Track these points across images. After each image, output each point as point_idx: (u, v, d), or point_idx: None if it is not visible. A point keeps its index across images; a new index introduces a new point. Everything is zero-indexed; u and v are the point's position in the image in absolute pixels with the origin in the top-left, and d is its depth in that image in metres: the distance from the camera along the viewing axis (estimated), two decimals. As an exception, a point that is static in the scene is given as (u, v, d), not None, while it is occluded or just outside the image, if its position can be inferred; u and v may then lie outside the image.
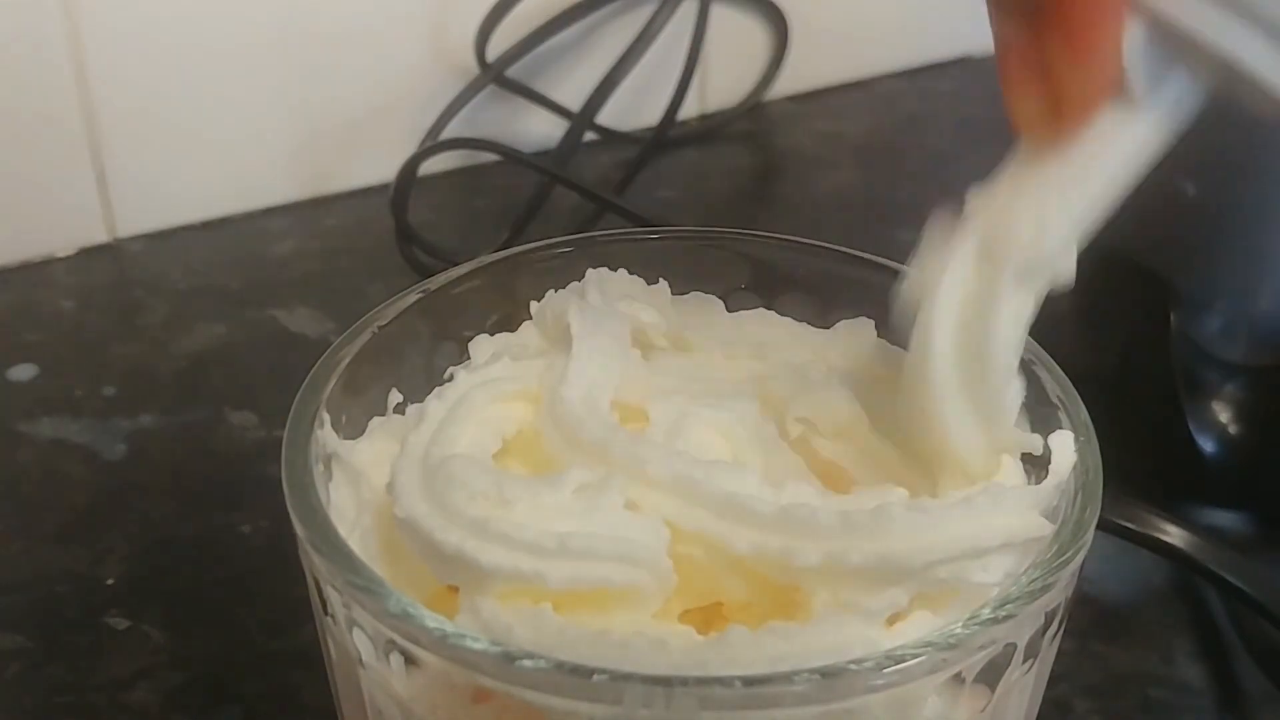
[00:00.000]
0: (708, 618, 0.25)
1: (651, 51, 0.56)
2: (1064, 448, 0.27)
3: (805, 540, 0.24)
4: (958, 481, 0.27)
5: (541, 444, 0.27)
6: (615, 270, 0.31)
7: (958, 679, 0.24)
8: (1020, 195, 0.26)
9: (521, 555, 0.24)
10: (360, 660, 0.25)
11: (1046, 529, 0.25)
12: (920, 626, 0.24)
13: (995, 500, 0.25)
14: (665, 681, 0.22)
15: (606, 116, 0.56)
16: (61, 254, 0.52)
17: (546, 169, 0.52)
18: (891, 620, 0.24)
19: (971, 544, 0.24)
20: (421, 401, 0.28)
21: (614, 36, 0.57)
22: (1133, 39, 0.24)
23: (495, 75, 0.55)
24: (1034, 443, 0.27)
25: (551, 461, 0.26)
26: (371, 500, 0.27)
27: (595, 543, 0.24)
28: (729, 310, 0.31)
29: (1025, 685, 0.26)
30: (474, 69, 0.55)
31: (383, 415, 0.29)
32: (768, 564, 0.24)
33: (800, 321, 0.31)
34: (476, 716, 0.24)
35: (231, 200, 0.54)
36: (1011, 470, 0.27)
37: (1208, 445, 0.40)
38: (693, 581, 0.25)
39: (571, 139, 0.55)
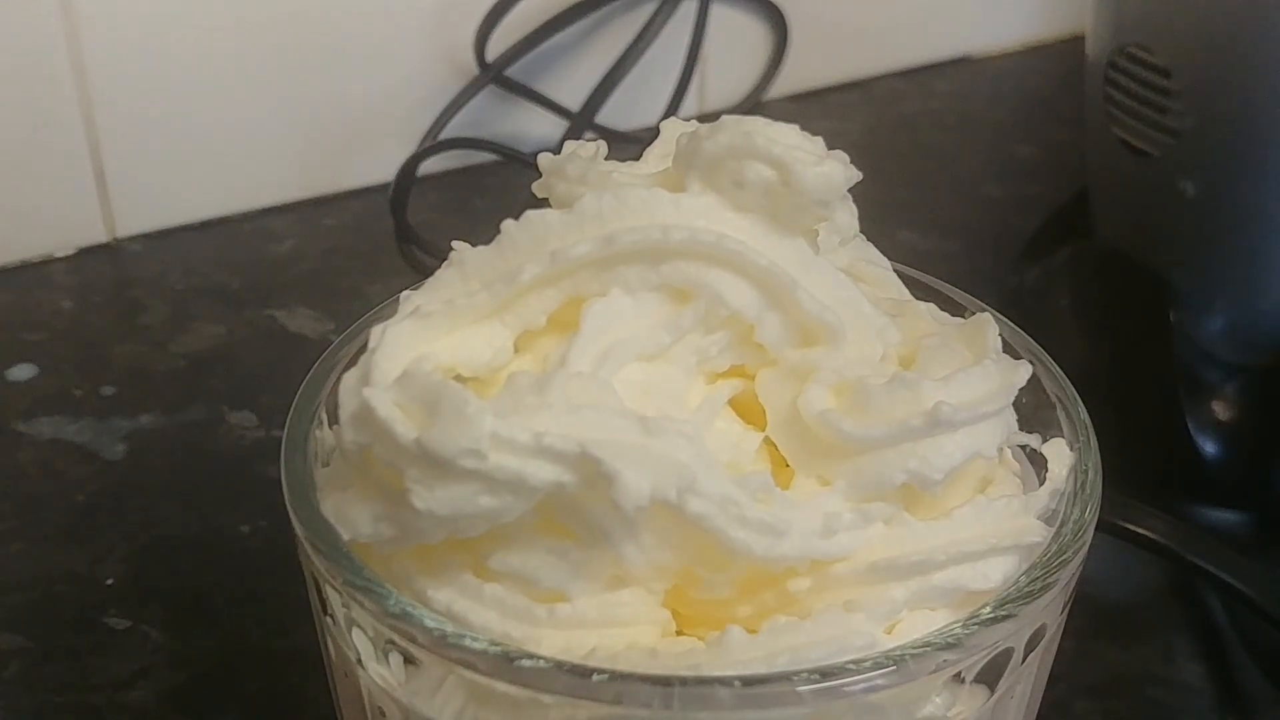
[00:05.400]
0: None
1: (651, 51, 0.56)
2: (1060, 455, 0.27)
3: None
4: None
5: None
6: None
7: (958, 679, 0.24)
8: None
9: (512, 623, 0.23)
10: (360, 660, 0.25)
11: (1040, 533, 0.25)
12: (920, 626, 0.24)
13: (981, 511, 0.25)
14: (665, 681, 0.22)
15: (606, 116, 0.56)
16: (61, 254, 0.52)
17: (546, 169, 0.52)
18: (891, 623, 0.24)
19: (960, 550, 0.24)
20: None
21: (614, 36, 0.57)
22: None
23: (495, 75, 0.55)
24: None
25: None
26: None
27: (587, 612, 0.24)
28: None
29: (1025, 685, 0.26)
30: (474, 69, 0.55)
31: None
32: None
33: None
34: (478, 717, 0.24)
35: (231, 200, 0.55)
36: (1005, 479, 0.27)
37: (1208, 445, 0.40)
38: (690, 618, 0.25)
39: (571, 139, 0.55)
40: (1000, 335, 0.28)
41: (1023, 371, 0.26)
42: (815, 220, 0.26)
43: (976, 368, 0.26)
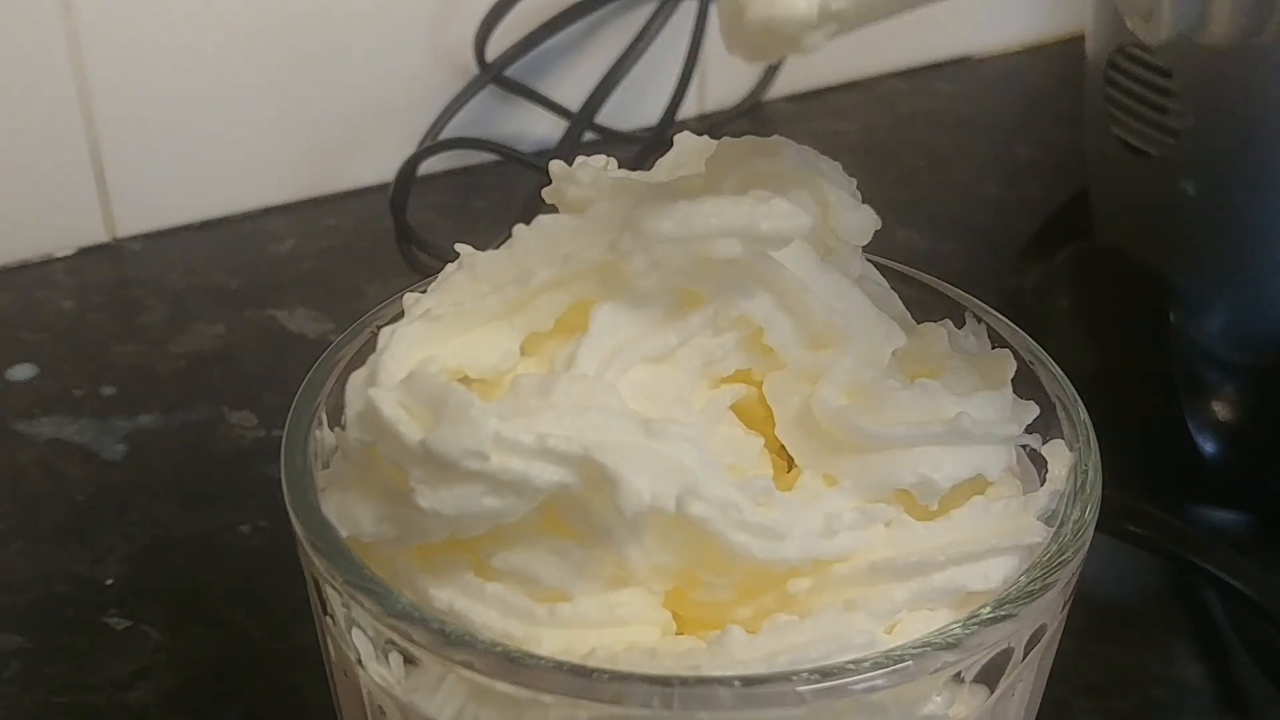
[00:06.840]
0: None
1: (651, 51, 0.56)
2: (1060, 455, 0.27)
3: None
4: None
5: None
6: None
7: (958, 679, 0.24)
8: None
9: (513, 622, 0.23)
10: (360, 660, 0.25)
11: (1040, 533, 0.25)
12: (920, 626, 0.24)
13: (981, 511, 0.25)
14: (665, 681, 0.22)
15: (606, 116, 0.56)
16: (61, 254, 0.52)
17: (546, 169, 0.52)
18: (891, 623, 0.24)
19: (960, 550, 0.24)
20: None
21: (614, 36, 0.57)
22: None
23: (495, 75, 0.55)
24: None
25: None
26: None
27: (588, 612, 0.24)
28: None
29: (1025, 685, 0.26)
30: (474, 69, 0.55)
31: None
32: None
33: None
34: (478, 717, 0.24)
35: (231, 200, 0.54)
36: (1005, 479, 0.27)
37: (1208, 445, 0.40)
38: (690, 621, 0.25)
39: (571, 139, 0.55)
40: (999, 334, 0.29)
41: (1031, 410, 0.27)
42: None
43: (995, 392, 0.26)
